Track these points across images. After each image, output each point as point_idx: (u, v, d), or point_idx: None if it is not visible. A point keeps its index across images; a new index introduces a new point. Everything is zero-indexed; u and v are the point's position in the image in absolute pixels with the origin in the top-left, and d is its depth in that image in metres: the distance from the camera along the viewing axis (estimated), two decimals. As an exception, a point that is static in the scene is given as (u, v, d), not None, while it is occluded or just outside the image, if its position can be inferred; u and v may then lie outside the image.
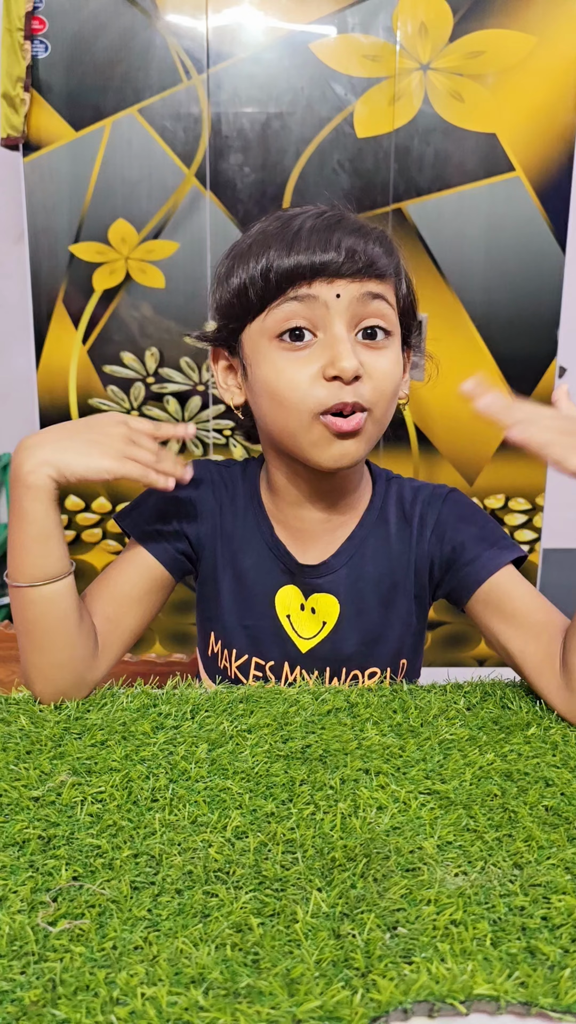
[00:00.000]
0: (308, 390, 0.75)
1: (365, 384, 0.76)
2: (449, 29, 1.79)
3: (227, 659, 0.88)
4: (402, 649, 0.89)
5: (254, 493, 0.89)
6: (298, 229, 0.76)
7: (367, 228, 0.78)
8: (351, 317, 0.76)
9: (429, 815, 0.60)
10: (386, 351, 0.78)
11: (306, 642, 0.86)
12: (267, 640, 0.87)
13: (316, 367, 0.75)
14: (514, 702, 0.77)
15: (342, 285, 0.75)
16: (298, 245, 0.75)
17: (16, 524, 0.73)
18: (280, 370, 0.76)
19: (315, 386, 0.75)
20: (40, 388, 1.96)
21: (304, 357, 0.76)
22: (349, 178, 1.86)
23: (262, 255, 0.76)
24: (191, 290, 1.91)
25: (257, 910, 0.50)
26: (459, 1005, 0.44)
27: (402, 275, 0.81)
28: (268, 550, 0.87)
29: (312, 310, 0.75)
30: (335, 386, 0.75)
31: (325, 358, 0.75)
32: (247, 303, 0.78)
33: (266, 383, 0.78)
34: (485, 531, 0.84)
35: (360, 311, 0.76)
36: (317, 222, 0.76)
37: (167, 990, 0.44)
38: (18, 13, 1.73)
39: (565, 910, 0.51)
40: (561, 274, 1.92)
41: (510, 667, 0.81)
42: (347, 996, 0.44)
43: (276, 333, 0.76)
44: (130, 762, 0.65)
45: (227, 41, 1.80)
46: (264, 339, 0.77)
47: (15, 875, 0.53)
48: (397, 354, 0.79)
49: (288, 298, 0.76)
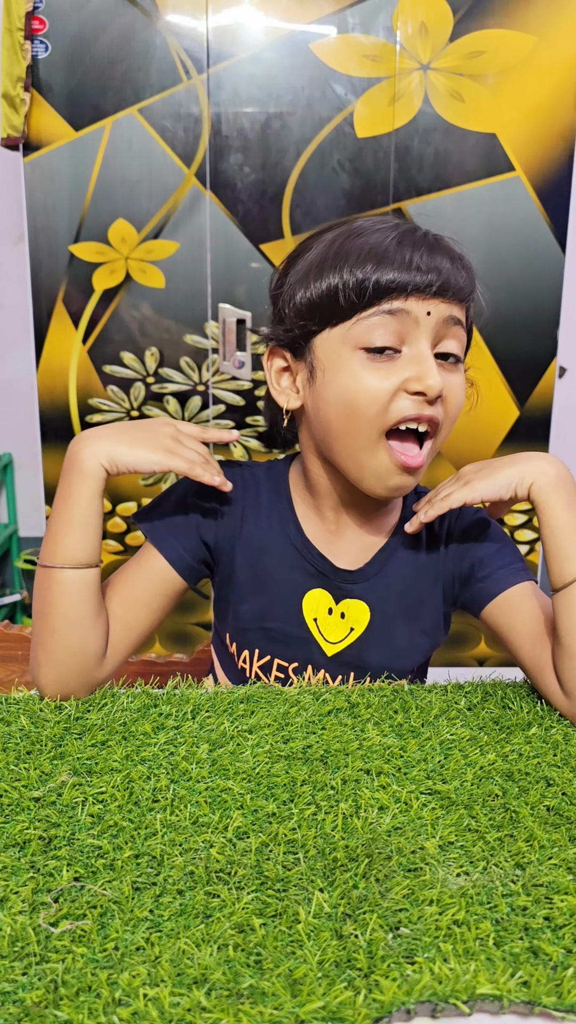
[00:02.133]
0: (388, 402, 0.75)
1: (440, 406, 0.76)
2: (449, 29, 1.79)
3: (246, 660, 0.88)
4: (425, 663, 0.90)
5: (280, 494, 0.88)
6: (396, 241, 0.75)
7: (456, 252, 0.78)
8: (435, 336, 0.76)
9: (430, 815, 0.60)
10: (457, 375, 0.79)
11: (332, 646, 0.86)
12: (291, 642, 0.86)
13: (397, 380, 0.74)
14: (515, 702, 0.77)
15: (433, 304, 0.75)
16: (396, 259, 0.74)
17: (61, 507, 0.76)
18: (361, 378, 0.75)
19: (397, 398, 0.75)
20: (40, 388, 1.96)
21: (387, 368, 0.75)
22: (349, 178, 1.86)
23: (361, 264, 0.75)
24: (191, 290, 1.91)
25: (259, 910, 0.50)
26: (462, 1005, 0.44)
27: (476, 300, 0.81)
28: (296, 551, 0.86)
29: (402, 324, 0.75)
30: (418, 400, 0.75)
31: (410, 372, 0.74)
32: (335, 308, 0.76)
33: (344, 391, 0.76)
34: (504, 551, 0.85)
35: (442, 332, 0.76)
36: (415, 239, 0.76)
37: (169, 991, 0.44)
38: (18, 13, 1.73)
39: (567, 910, 0.51)
40: (561, 274, 1.92)
41: (520, 669, 0.82)
42: (350, 997, 0.44)
43: (362, 344, 0.75)
44: (131, 762, 0.65)
45: (227, 41, 1.80)
46: (347, 347, 0.76)
47: (16, 876, 0.53)
48: (463, 379, 0.80)
49: (381, 310, 0.74)
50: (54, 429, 1.99)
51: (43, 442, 2.00)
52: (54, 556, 0.76)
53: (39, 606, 0.77)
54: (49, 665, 0.75)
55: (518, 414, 1.99)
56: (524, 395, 1.98)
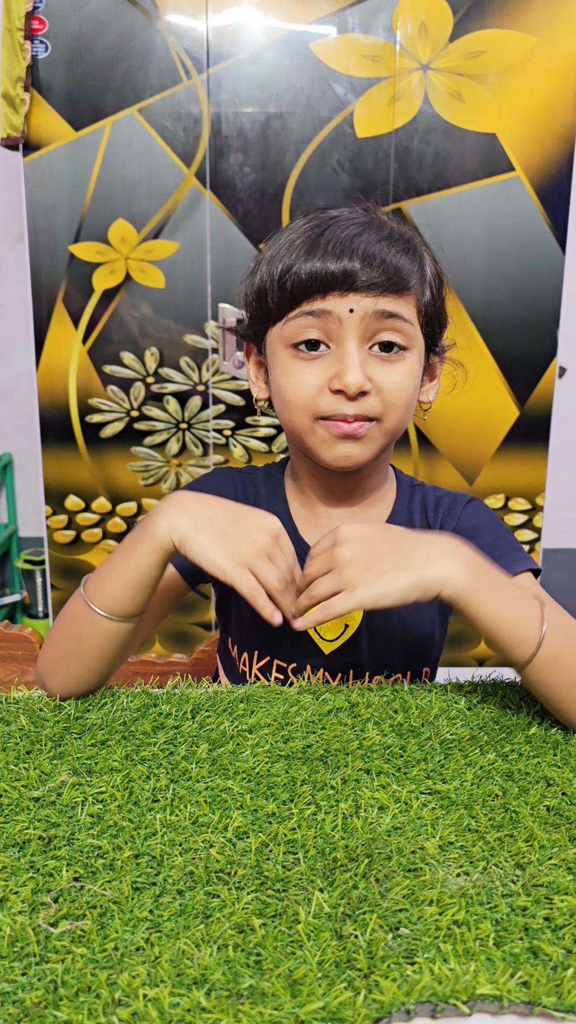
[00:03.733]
0: (312, 398, 0.77)
1: (373, 399, 0.76)
2: (449, 29, 1.79)
3: (246, 663, 0.88)
4: (426, 657, 0.89)
5: (278, 496, 0.89)
6: (323, 231, 0.76)
7: (394, 235, 0.77)
8: (364, 331, 0.76)
9: (430, 815, 0.60)
10: (400, 364, 0.78)
11: (329, 644, 0.86)
12: (288, 643, 0.86)
13: (324, 377, 0.77)
14: (515, 702, 0.77)
15: (356, 300, 0.75)
16: (317, 251, 0.75)
17: (122, 560, 0.72)
18: (290, 374, 0.78)
19: (320, 395, 0.77)
20: (40, 388, 1.96)
21: (315, 366, 0.77)
22: (349, 178, 1.86)
23: (283, 258, 0.77)
24: (191, 290, 1.91)
25: (259, 911, 0.50)
26: (462, 1005, 0.44)
27: (427, 282, 0.80)
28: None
29: (326, 324, 0.76)
30: (339, 399, 0.76)
31: (333, 370, 0.76)
32: (267, 309, 0.79)
33: (277, 385, 0.80)
34: (500, 541, 0.85)
35: (374, 326, 0.76)
36: (342, 230, 0.76)
37: (169, 991, 0.44)
38: (18, 13, 1.73)
39: (568, 910, 0.51)
40: (561, 274, 1.92)
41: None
42: (350, 997, 0.44)
43: (291, 342, 0.78)
44: (130, 762, 0.65)
45: (227, 41, 1.80)
46: (280, 345, 0.79)
47: (16, 876, 0.53)
48: (412, 366, 0.79)
49: (303, 312, 0.76)
50: (54, 429, 1.99)
51: (43, 442, 2.00)
52: (102, 600, 0.72)
53: (71, 629, 0.74)
54: (68, 679, 0.74)
55: (518, 414, 1.99)
56: (524, 395, 1.98)
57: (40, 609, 2.53)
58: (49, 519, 2.05)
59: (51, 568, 2.09)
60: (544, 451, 2.03)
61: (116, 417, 1.98)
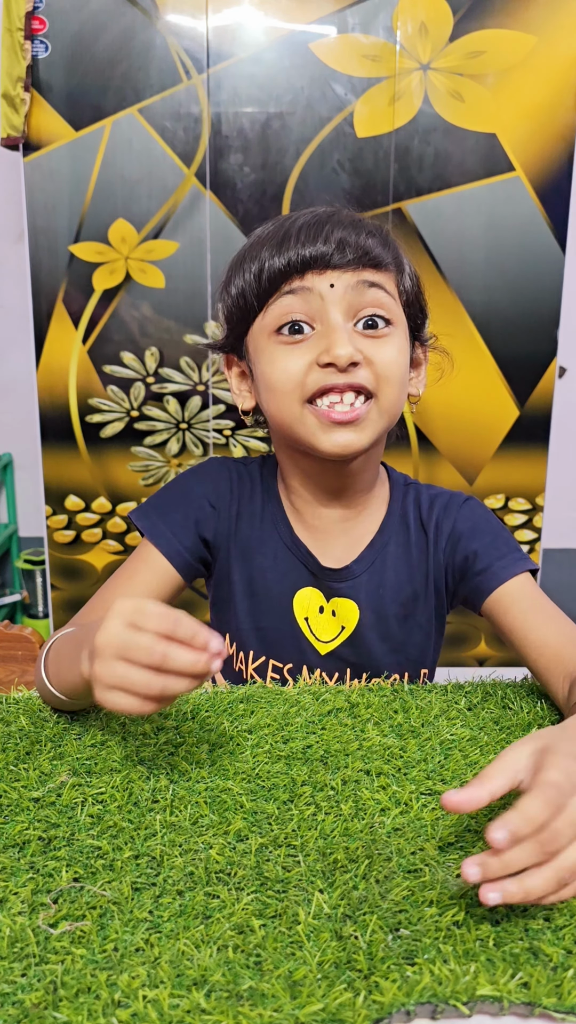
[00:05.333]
0: (300, 378, 0.75)
1: (364, 370, 0.75)
2: (449, 29, 1.79)
3: (242, 661, 0.88)
4: (424, 658, 0.89)
5: (272, 492, 0.88)
6: (288, 228, 0.77)
7: (361, 222, 0.78)
8: (348, 307, 0.75)
9: (431, 816, 0.60)
10: (389, 339, 0.77)
11: (324, 645, 0.86)
12: (284, 642, 0.86)
13: (311, 355, 0.75)
14: (515, 702, 0.77)
15: (335, 275, 0.75)
16: (288, 243, 0.75)
17: (68, 665, 0.67)
18: (275, 360, 0.77)
19: (308, 373, 0.75)
20: (40, 388, 1.96)
21: (301, 348, 0.76)
22: (349, 178, 1.86)
23: (256, 258, 0.77)
24: (191, 290, 1.91)
25: (259, 912, 0.50)
26: (462, 1006, 0.44)
27: (404, 268, 0.80)
28: (287, 550, 0.86)
29: (308, 302, 0.75)
30: (328, 372, 0.74)
31: (321, 347, 0.74)
32: (247, 307, 0.79)
33: (263, 376, 0.78)
34: (498, 541, 0.84)
35: (357, 300, 0.75)
36: (309, 219, 0.77)
37: (169, 992, 0.44)
38: (18, 13, 1.73)
39: (568, 911, 0.51)
40: (561, 274, 1.92)
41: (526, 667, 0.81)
42: (350, 998, 0.44)
43: (275, 328, 0.77)
44: (130, 763, 0.65)
45: (227, 41, 1.80)
46: (264, 336, 0.78)
47: (15, 876, 0.53)
48: (401, 343, 0.78)
49: (283, 293, 0.76)
50: (54, 429, 1.99)
51: (43, 442, 2.00)
52: (59, 686, 0.68)
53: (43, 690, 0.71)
54: (49, 702, 0.73)
55: (518, 414, 1.99)
56: (524, 395, 1.98)
57: (40, 609, 2.53)
58: (49, 519, 2.05)
59: (51, 568, 2.09)
60: (544, 451, 2.03)
61: (116, 417, 1.98)
